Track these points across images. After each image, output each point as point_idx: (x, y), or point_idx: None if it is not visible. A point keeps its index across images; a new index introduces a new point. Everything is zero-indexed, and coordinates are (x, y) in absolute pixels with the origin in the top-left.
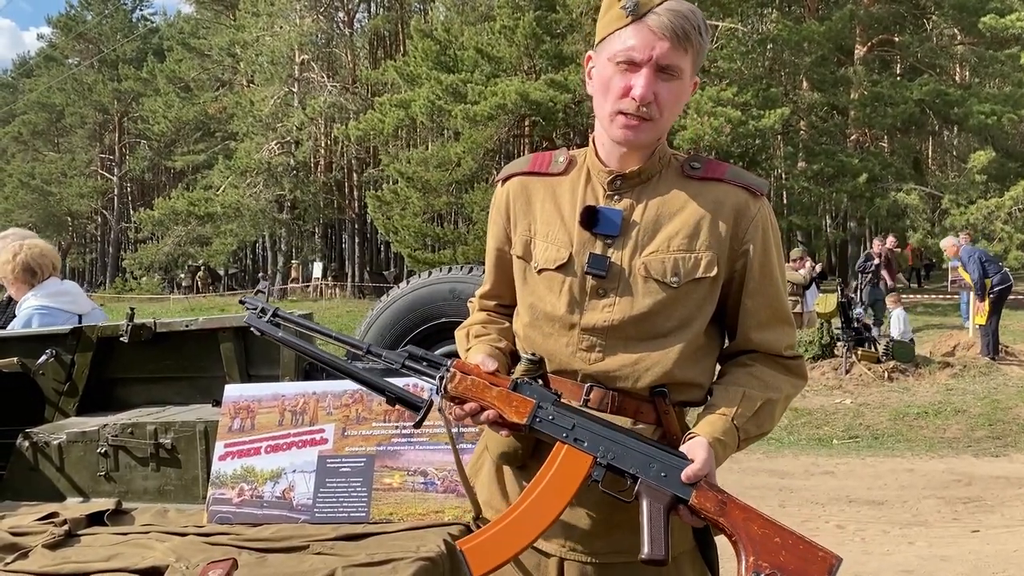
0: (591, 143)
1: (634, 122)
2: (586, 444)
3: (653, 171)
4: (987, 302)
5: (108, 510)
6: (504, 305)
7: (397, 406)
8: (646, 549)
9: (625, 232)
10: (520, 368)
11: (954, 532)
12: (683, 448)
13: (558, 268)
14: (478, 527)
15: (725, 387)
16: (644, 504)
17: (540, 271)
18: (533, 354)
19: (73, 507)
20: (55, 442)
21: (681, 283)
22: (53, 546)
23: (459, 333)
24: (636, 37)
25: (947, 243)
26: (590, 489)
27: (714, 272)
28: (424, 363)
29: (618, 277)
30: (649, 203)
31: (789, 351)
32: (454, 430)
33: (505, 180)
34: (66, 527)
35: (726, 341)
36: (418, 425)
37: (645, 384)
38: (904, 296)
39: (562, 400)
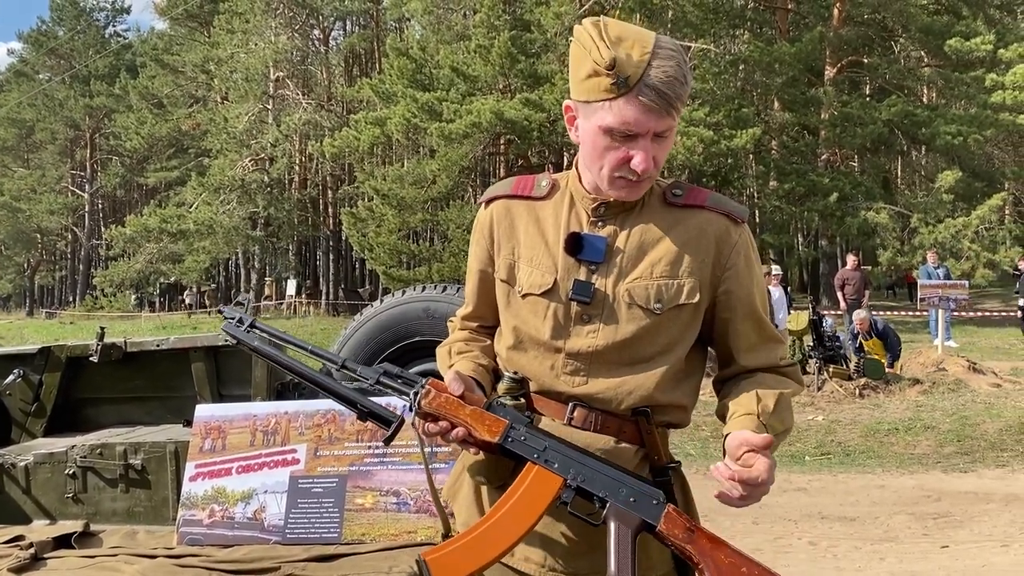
0: (574, 168)
1: (634, 184)
2: (556, 466)
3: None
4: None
5: (75, 533)
6: (486, 326)
7: (368, 423)
8: (613, 570)
9: (609, 259)
10: (503, 386)
11: (924, 548)
12: (725, 443)
13: (543, 293)
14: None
15: (736, 396)
16: (612, 527)
17: (524, 295)
18: (515, 372)
19: (40, 530)
20: (22, 464)
21: (664, 309)
22: (19, 570)
23: (441, 351)
24: (630, 114)
25: (858, 316)
26: (566, 510)
27: (696, 299)
28: (399, 380)
29: (602, 303)
30: (632, 230)
31: (783, 361)
32: (429, 450)
33: (488, 202)
34: (32, 550)
35: (706, 362)
36: (387, 442)
37: (627, 406)
38: (875, 313)
39: (535, 423)
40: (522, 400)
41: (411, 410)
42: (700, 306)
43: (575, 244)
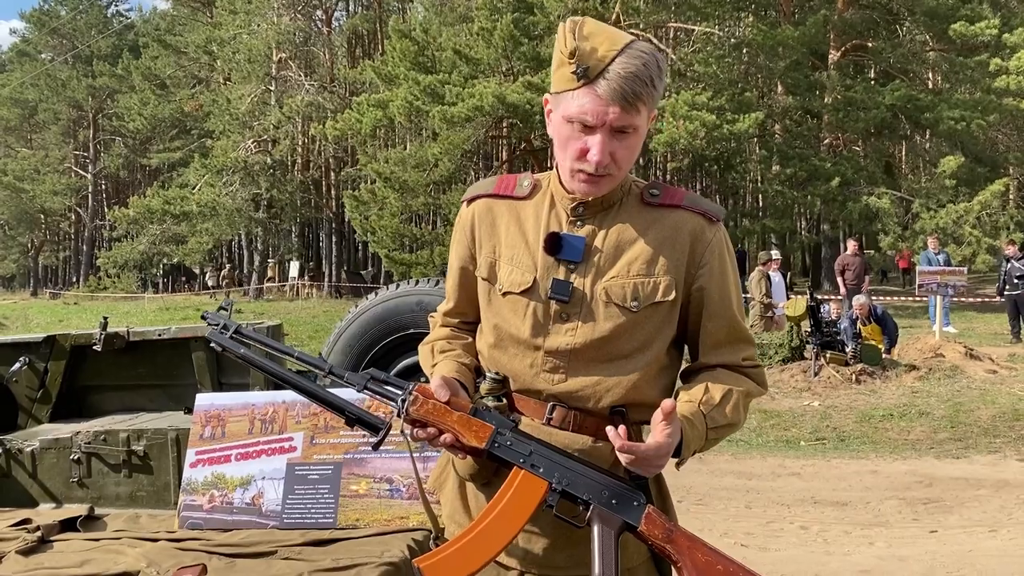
0: (555, 169)
1: (593, 180)
2: (542, 470)
3: (614, 199)
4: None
5: (81, 516)
6: (467, 322)
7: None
8: (597, 571)
9: (587, 258)
10: (484, 386)
11: (913, 532)
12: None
13: (523, 292)
14: (437, 545)
15: (688, 386)
16: (596, 529)
17: (505, 294)
18: (497, 373)
19: (46, 513)
20: (28, 449)
21: (641, 307)
22: (26, 552)
23: (423, 348)
24: (588, 102)
25: (857, 301)
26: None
27: (672, 296)
28: (386, 385)
29: (580, 302)
30: (610, 230)
31: (748, 361)
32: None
33: (471, 201)
34: (39, 533)
35: (683, 361)
36: (376, 447)
37: (606, 404)
38: (876, 298)
39: (520, 427)
40: (504, 400)
41: (399, 416)
42: (676, 303)
43: (554, 244)
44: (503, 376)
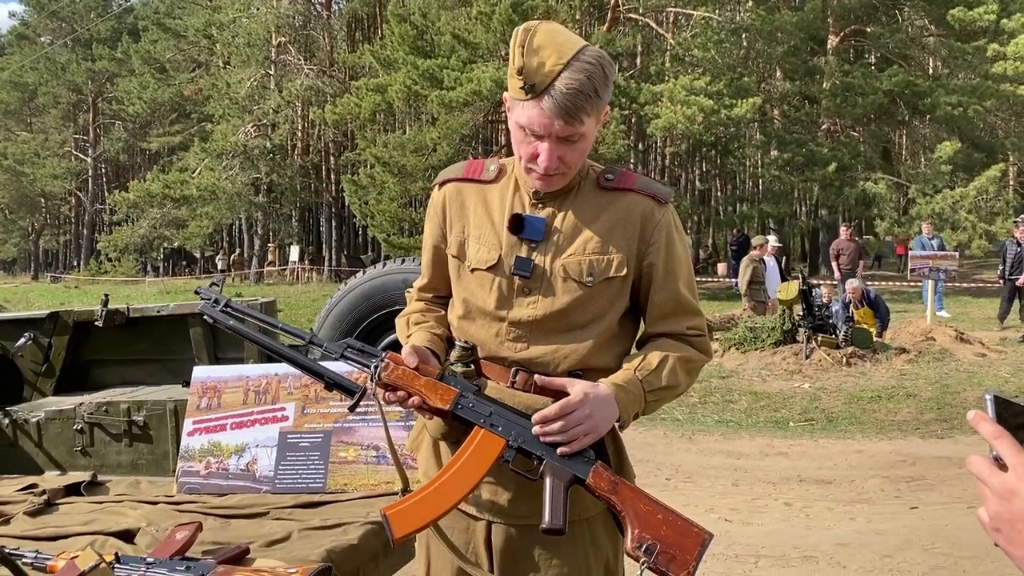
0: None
1: (545, 178)
2: (500, 429)
3: (573, 183)
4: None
5: (84, 482)
6: (440, 296)
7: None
8: (547, 519)
9: (547, 237)
10: (455, 354)
11: (894, 509)
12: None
13: (489, 268)
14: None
15: (631, 356)
16: (547, 481)
17: (473, 270)
18: (466, 342)
19: (51, 479)
20: (34, 420)
21: (595, 282)
22: (33, 514)
23: (399, 321)
24: (535, 115)
25: (851, 285)
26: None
27: (624, 272)
28: (361, 353)
29: (541, 277)
30: (569, 212)
31: (692, 330)
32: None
33: (442, 185)
34: (45, 497)
35: (636, 332)
36: (352, 409)
37: (564, 369)
38: (870, 283)
39: (486, 390)
40: (472, 367)
41: (372, 381)
42: (627, 279)
43: (517, 224)
44: (471, 345)
